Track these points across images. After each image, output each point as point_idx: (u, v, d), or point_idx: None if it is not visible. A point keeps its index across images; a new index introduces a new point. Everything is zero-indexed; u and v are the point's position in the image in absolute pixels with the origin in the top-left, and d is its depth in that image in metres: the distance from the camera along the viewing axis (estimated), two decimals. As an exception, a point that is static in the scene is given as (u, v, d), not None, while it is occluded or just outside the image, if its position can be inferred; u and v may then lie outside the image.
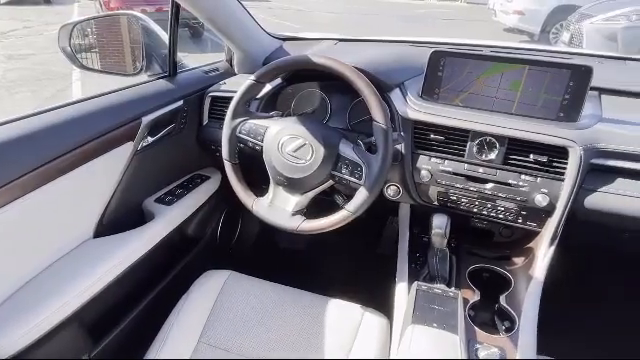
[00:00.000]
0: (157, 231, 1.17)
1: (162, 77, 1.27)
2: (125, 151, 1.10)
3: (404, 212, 1.18)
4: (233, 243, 1.71)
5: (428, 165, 1.03)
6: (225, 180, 1.09)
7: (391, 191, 1.10)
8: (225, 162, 1.06)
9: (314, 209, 1.02)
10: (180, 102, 1.25)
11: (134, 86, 1.18)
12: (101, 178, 1.08)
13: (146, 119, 1.13)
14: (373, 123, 0.89)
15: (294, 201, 0.98)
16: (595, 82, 0.88)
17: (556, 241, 0.96)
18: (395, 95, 1.07)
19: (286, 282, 1.12)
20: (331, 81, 1.10)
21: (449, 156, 1.02)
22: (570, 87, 0.90)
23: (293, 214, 0.97)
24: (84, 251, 1.04)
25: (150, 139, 1.17)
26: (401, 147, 1.04)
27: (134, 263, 1.08)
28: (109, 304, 1.08)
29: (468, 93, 1.00)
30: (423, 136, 1.03)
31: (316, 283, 1.21)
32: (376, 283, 1.27)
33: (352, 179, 0.91)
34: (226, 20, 1.20)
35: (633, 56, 1.34)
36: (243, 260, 1.74)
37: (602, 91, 1.08)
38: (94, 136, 0.99)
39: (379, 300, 1.12)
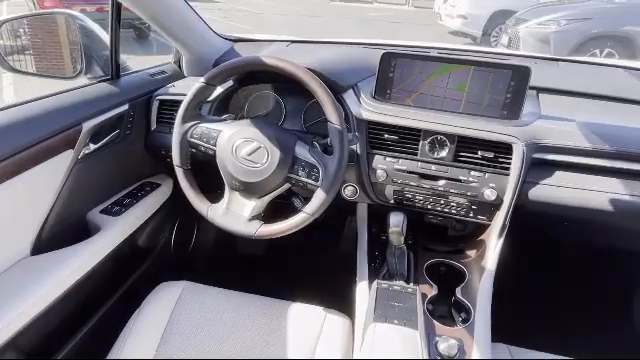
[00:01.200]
0: (104, 244, 1.10)
1: (104, 80, 1.20)
2: (65, 159, 1.02)
3: (362, 212, 1.19)
4: (188, 252, 1.65)
5: (383, 164, 1.05)
6: (177, 187, 1.04)
7: (348, 191, 1.10)
8: (176, 168, 1.01)
9: (272, 213, 1.00)
10: (125, 106, 1.18)
11: (73, 90, 1.10)
12: (38, 189, 0.99)
13: (87, 125, 1.05)
14: (328, 124, 0.89)
15: (251, 206, 0.96)
16: (533, 82, 0.94)
17: (505, 233, 1.01)
18: (349, 96, 1.08)
19: (246, 289, 1.09)
20: (285, 83, 1.09)
21: (403, 155, 1.04)
22: (511, 86, 0.95)
23: (250, 219, 0.95)
24: (20, 270, 0.95)
25: (92, 146, 1.09)
26: (356, 147, 1.05)
27: (80, 280, 1.00)
28: (53, 326, 1.00)
29: (419, 93, 1.02)
30: (377, 136, 1.05)
31: (276, 288, 1.19)
32: (337, 283, 1.27)
33: (309, 181, 0.90)
34: (172, 20, 1.15)
35: (563, 57, 1.45)
36: (200, 269, 1.68)
37: (539, 90, 1.16)
38: (29, 144, 0.91)
39: (341, 300, 1.12)
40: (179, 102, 1.01)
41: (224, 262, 1.77)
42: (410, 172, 1.03)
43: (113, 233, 1.12)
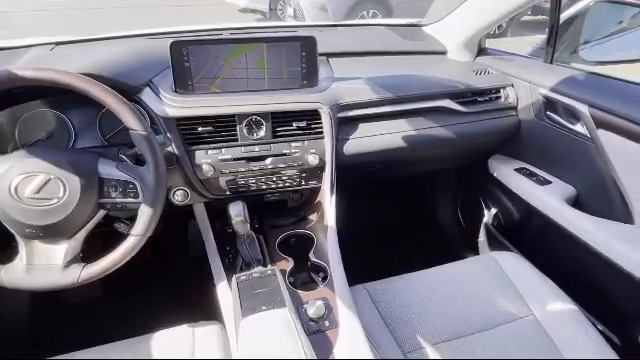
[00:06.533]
0: None
1: None
2: None
3: (200, 212, 1.13)
4: None
5: (207, 159, 1.00)
6: None
7: (179, 196, 1.03)
8: None
9: (94, 247, 0.85)
10: None
11: None
12: None
13: None
14: (130, 132, 0.79)
15: (62, 250, 0.78)
16: (321, 49, 1.03)
17: (335, 190, 1.11)
18: (146, 95, 0.98)
19: (95, 342, 0.92)
20: (62, 95, 0.90)
21: (224, 144, 1.02)
22: (303, 57, 1.01)
23: (66, 265, 0.78)
24: None
25: None
26: (172, 148, 0.97)
27: None
28: None
29: (221, 78, 1.00)
30: (192, 131, 0.99)
31: (132, 324, 1.04)
32: (198, 292, 1.20)
33: (127, 200, 0.79)
34: None
35: (340, 23, 1.63)
36: (24, 346, 1.34)
37: (328, 55, 1.28)
38: None
39: (208, 308, 1.06)
40: None
41: (55, 324, 1.46)
42: (236, 159, 1.02)
43: None
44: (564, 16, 1.25)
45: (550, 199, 1.20)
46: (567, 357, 0.89)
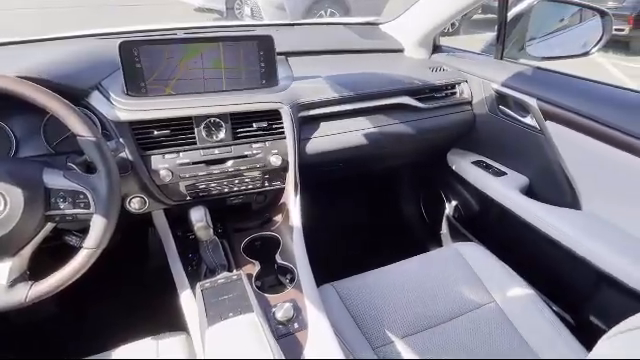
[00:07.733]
0: None
1: None
2: None
3: (159, 219, 1.08)
4: None
5: (164, 163, 0.96)
6: None
7: (135, 204, 0.98)
8: None
9: (43, 263, 0.79)
10: None
11: None
12: None
13: None
14: (78, 139, 0.74)
15: (5, 268, 0.72)
16: (279, 48, 1.02)
17: (299, 190, 1.10)
18: (95, 99, 0.92)
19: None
20: (1, 101, 0.84)
21: (182, 147, 0.98)
22: (262, 56, 1.00)
23: (11, 284, 0.72)
24: None
25: None
26: (126, 154, 0.92)
27: None
28: None
29: (176, 80, 0.96)
30: (146, 135, 0.94)
31: (90, 342, 0.99)
32: (161, 302, 1.15)
33: (78, 211, 0.74)
34: None
35: (297, 22, 1.63)
36: None
37: (287, 54, 1.27)
38: None
39: (171, 318, 1.02)
40: None
41: (3, 348, 1.35)
42: (195, 163, 0.99)
43: None
44: (511, 14, 1.31)
45: (505, 189, 1.25)
46: (527, 339, 0.94)
